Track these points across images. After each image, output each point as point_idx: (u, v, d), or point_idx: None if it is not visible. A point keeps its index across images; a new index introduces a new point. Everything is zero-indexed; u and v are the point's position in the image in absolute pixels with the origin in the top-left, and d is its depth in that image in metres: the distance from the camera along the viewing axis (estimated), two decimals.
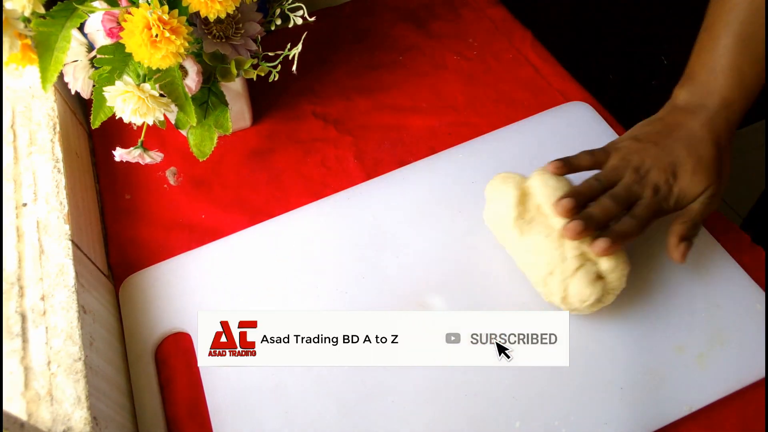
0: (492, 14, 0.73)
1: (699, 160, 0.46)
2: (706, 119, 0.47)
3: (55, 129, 0.52)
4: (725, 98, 0.47)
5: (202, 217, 0.57)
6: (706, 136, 0.46)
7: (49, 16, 0.46)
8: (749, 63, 0.46)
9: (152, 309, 0.51)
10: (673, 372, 0.45)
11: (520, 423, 0.44)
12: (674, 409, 0.44)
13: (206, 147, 0.52)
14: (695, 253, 0.51)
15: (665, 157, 0.46)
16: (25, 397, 0.40)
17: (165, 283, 0.52)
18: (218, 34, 0.48)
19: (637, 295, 0.49)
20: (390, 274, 0.51)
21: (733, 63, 0.46)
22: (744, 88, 0.46)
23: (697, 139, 0.46)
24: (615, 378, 0.45)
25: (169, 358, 0.49)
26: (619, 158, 0.47)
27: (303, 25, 0.51)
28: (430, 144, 0.61)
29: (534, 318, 0.39)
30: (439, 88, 0.66)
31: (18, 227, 0.47)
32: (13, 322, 0.42)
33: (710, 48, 0.47)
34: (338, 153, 0.61)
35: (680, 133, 0.47)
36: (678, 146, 0.46)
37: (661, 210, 0.46)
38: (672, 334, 0.47)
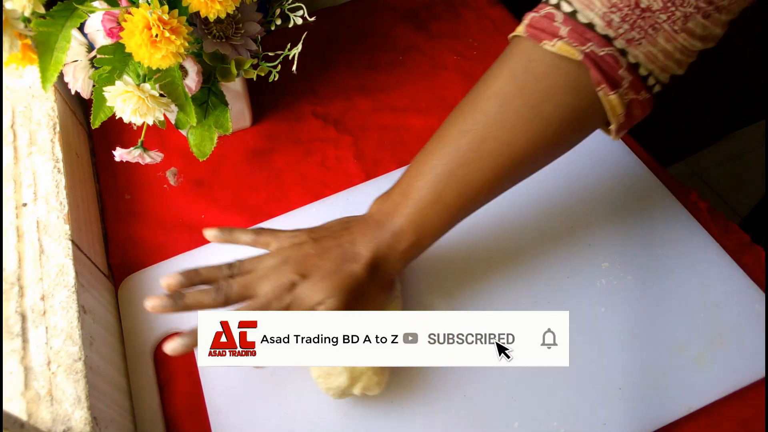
0: (492, 14, 0.73)
1: (337, 271, 0.42)
2: (373, 242, 0.43)
3: (55, 129, 0.52)
4: (399, 227, 0.42)
5: (202, 217, 0.57)
6: (364, 255, 0.42)
7: (49, 16, 0.45)
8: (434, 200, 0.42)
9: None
10: (672, 372, 0.45)
11: (519, 423, 0.44)
12: (673, 410, 0.44)
13: (206, 147, 0.52)
14: (694, 253, 0.51)
15: (311, 260, 0.42)
16: (25, 397, 0.40)
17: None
18: (218, 34, 0.48)
19: (636, 296, 0.49)
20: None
21: (420, 195, 0.42)
22: (419, 223, 0.42)
23: (353, 254, 0.42)
24: (614, 378, 0.45)
25: (169, 358, 0.49)
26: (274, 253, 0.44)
27: (303, 25, 0.51)
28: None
29: (534, 318, 0.39)
30: (439, 89, 0.66)
31: (18, 227, 0.47)
32: (13, 322, 0.42)
33: (414, 170, 0.43)
34: (338, 153, 0.61)
35: (346, 239, 0.43)
36: (333, 252, 0.43)
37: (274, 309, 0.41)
38: (671, 334, 0.47)
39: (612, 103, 0.38)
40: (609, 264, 0.51)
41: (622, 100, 0.38)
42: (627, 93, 0.38)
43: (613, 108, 0.38)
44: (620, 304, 0.48)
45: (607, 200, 0.55)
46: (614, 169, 0.57)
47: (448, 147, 0.42)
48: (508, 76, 0.41)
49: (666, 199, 0.55)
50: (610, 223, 0.53)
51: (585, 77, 0.37)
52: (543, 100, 0.39)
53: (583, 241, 0.52)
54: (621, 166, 0.57)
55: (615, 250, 0.52)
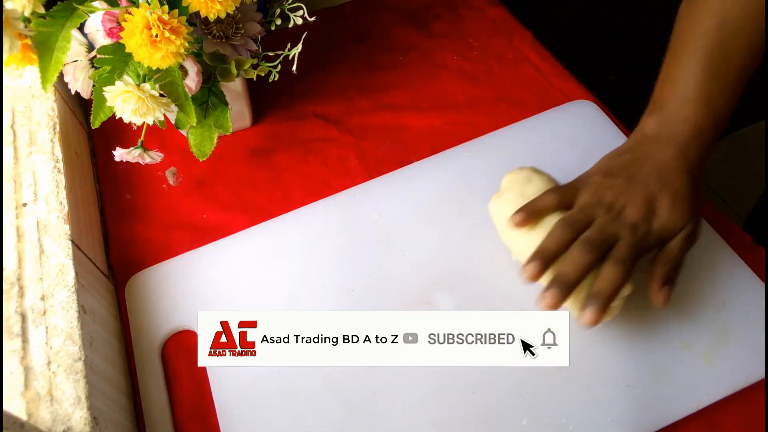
0: (492, 14, 0.73)
1: (675, 194, 0.44)
2: (678, 150, 0.45)
3: (55, 129, 0.52)
4: (696, 127, 0.45)
5: (203, 216, 0.57)
6: (680, 168, 0.44)
7: (49, 16, 0.45)
8: (718, 91, 0.45)
9: (158, 307, 0.51)
10: (680, 369, 0.46)
11: (528, 420, 0.44)
12: (681, 407, 0.44)
13: (206, 147, 0.52)
14: (701, 252, 0.51)
15: (639, 191, 0.44)
16: (25, 397, 0.40)
17: (172, 280, 0.52)
18: (218, 34, 0.48)
19: (643, 294, 0.49)
20: (395, 272, 0.51)
21: (701, 92, 0.45)
22: (714, 116, 0.45)
23: (670, 170, 0.44)
24: (622, 375, 0.45)
25: (176, 355, 0.49)
26: (589, 195, 0.45)
27: (303, 25, 0.51)
28: (431, 144, 0.61)
29: (534, 318, 0.39)
30: (439, 88, 0.66)
31: (18, 227, 0.47)
32: (13, 322, 0.42)
33: (677, 77, 0.46)
34: (340, 153, 0.61)
35: (652, 165, 0.45)
36: (652, 180, 0.44)
37: (643, 250, 0.43)
38: (678, 332, 0.47)
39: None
40: None
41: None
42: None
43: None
44: (627, 302, 0.49)
45: None
46: None
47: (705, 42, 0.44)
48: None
49: None
50: None
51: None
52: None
53: None
54: None
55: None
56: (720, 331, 0.47)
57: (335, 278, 0.51)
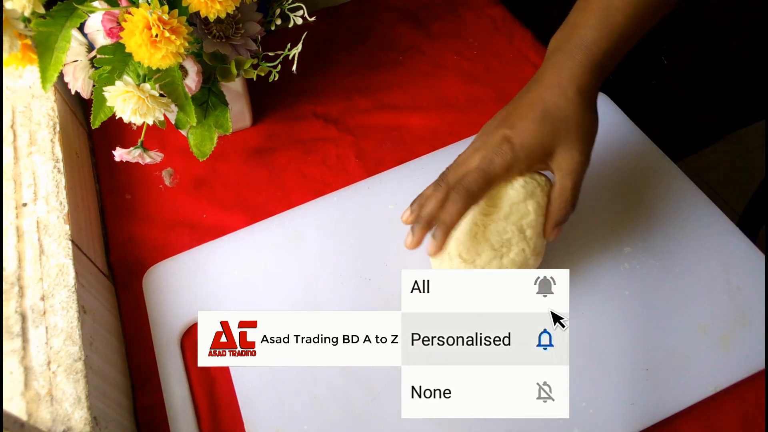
0: (492, 14, 0.73)
1: (544, 110, 0.41)
2: (557, 62, 0.43)
3: (55, 129, 0.52)
4: (583, 40, 0.42)
5: (203, 216, 0.57)
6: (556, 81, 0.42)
7: (49, 16, 0.45)
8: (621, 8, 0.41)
9: (178, 297, 0.51)
10: (697, 353, 0.46)
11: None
12: (699, 390, 0.45)
13: (206, 147, 0.52)
14: (715, 238, 0.52)
15: (510, 114, 0.43)
16: (25, 397, 0.40)
17: (191, 272, 0.52)
18: (218, 34, 0.48)
19: (659, 279, 0.50)
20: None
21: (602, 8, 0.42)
22: (603, 29, 0.42)
23: (555, 89, 0.42)
24: (640, 359, 0.46)
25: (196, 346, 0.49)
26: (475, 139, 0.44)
27: (303, 25, 0.51)
28: (431, 143, 0.61)
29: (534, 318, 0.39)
30: (439, 88, 0.66)
31: (18, 227, 0.47)
32: (13, 322, 0.42)
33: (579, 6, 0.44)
34: (339, 152, 0.61)
35: (536, 86, 0.43)
36: (526, 98, 0.43)
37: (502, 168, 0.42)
38: (695, 316, 0.48)
39: None
40: (631, 249, 0.52)
41: None
42: None
43: None
44: (644, 287, 0.49)
45: (628, 188, 0.56)
46: (634, 157, 0.58)
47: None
48: None
49: (685, 185, 0.56)
50: (632, 209, 0.54)
51: None
52: None
53: (606, 227, 0.53)
54: (641, 154, 0.58)
55: (637, 235, 0.52)
56: (736, 315, 0.48)
57: (352, 268, 0.52)
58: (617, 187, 0.56)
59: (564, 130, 0.42)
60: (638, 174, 0.57)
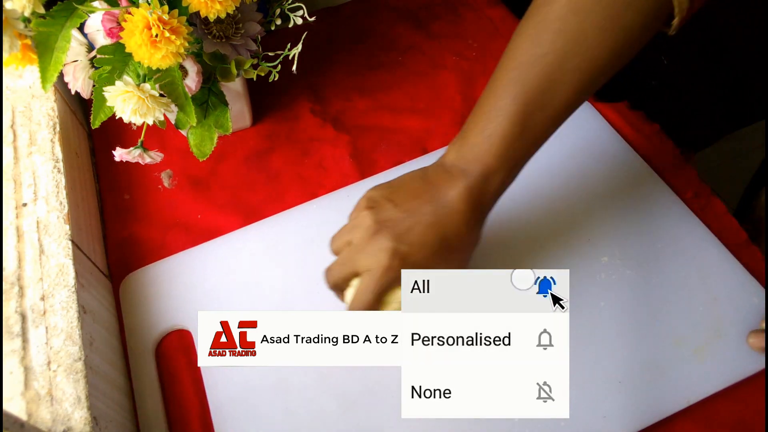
0: (492, 14, 0.73)
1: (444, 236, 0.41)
2: (464, 188, 0.41)
3: (55, 129, 0.52)
4: (488, 167, 0.41)
5: (198, 217, 0.57)
6: (460, 209, 0.41)
7: (49, 16, 0.45)
8: (523, 138, 0.41)
9: (153, 306, 0.51)
10: (671, 365, 0.46)
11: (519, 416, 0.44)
12: (673, 402, 0.44)
13: (206, 147, 0.52)
14: (693, 248, 0.51)
15: (405, 222, 0.41)
16: (25, 397, 0.40)
17: (166, 280, 0.52)
18: (218, 34, 0.48)
19: (635, 290, 0.49)
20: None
21: (504, 130, 0.40)
22: (508, 158, 0.41)
23: (447, 211, 0.41)
24: (614, 371, 0.46)
25: (170, 355, 0.49)
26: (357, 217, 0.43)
27: (303, 25, 0.51)
28: (424, 145, 0.61)
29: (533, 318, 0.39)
30: (437, 89, 0.66)
31: (18, 227, 0.47)
32: (13, 322, 0.42)
33: (488, 108, 0.41)
34: (335, 152, 0.61)
35: (431, 196, 0.42)
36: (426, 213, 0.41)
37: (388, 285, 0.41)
38: (670, 327, 0.47)
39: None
40: (608, 258, 0.51)
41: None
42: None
43: (680, 2, 0.38)
44: (620, 298, 0.49)
45: (605, 195, 0.55)
46: (613, 164, 0.57)
47: (525, 74, 0.40)
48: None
49: (664, 194, 0.55)
50: (609, 218, 0.54)
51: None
52: (624, 10, 0.38)
53: (583, 237, 0.52)
54: (620, 161, 0.58)
55: (614, 245, 0.52)
56: (711, 326, 0.47)
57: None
58: (595, 195, 0.55)
59: (455, 257, 0.42)
60: (616, 181, 0.56)
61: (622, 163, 0.57)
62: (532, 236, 0.53)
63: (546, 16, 0.40)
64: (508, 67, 0.41)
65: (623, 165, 0.57)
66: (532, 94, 0.40)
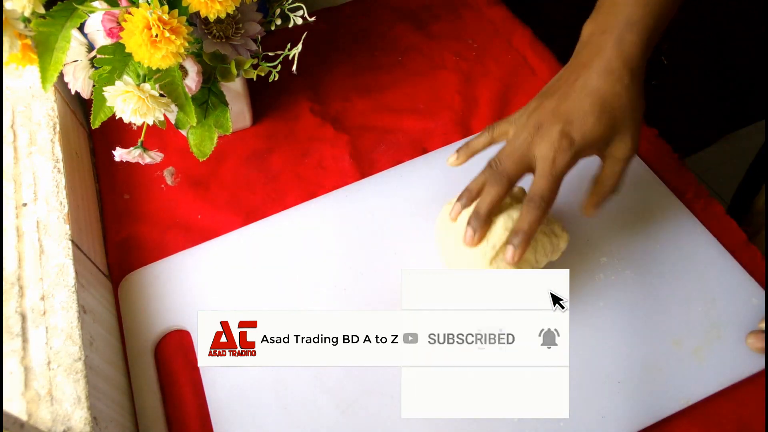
0: (492, 14, 0.73)
1: (603, 102, 0.41)
2: (609, 48, 0.41)
3: (55, 129, 0.52)
4: (628, 19, 0.41)
5: (198, 217, 0.57)
6: (610, 67, 0.41)
7: (49, 16, 0.45)
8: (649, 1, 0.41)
9: (151, 307, 0.51)
10: (670, 365, 0.46)
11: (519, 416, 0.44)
12: (672, 403, 0.44)
13: (206, 147, 0.52)
14: (692, 248, 0.51)
15: (563, 104, 0.41)
16: (25, 397, 0.40)
17: (165, 280, 0.52)
18: (218, 34, 0.48)
19: (634, 290, 0.49)
20: (389, 271, 0.51)
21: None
22: (647, 6, 0.41)
23: (600, 70, 0.41)
24: (613, 371, 0.46)
25: (169, 355, 0.49)
26: (518, 127, 0.43)
27: (303, 25, 0.51)
28: (425, 146, 0.61)
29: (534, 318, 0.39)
30: (437, 89, 0.66)
31: (18, 227, 0.47)
32: (13, 322, 0.42)
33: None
34: (335, 152, 0.61)
35: (586, 72, 0.42)
36: (576, 86, 0.42)
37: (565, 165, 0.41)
38: (669, 328, 0.48)
39: None
40: (607, 259, 0.51)
41: None
42: None
43: None
44: (619, 298, 0.49)
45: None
46: None
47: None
48: None
49: (663, 194, 0.55)
50: (608, 218, 0.54)
51: None
52: None
53: (581, 237, 0.52)
54: None
55: (613, 245, 0.52)
56: (710, 326, 0.47)
57: (328, 277, 0.51)
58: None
59: (621, 120, 0.42)
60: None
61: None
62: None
63: None
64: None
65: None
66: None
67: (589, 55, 0.43)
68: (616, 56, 0.41)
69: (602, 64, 0.42)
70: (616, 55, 0.41)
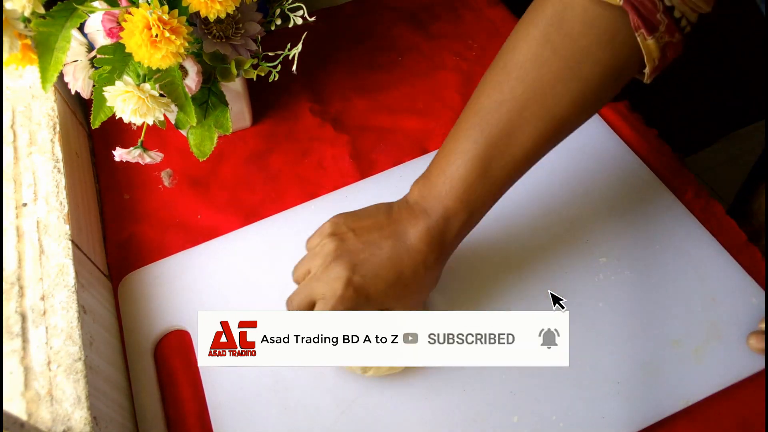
0: (492, 14, 0.73)
1: (401, 273, 0.41)
2: (424, 228, 0.41)
3: (55, 129, 0.52)
4: (448, 209, 0.41)
5: (198, 217, 0.57)
6: (419, 249, 0.42)
7: (49, 16, 0.45)
8: (485, 183, 0.41)
9: (151, 307, 0.51)
10: (669, 366, 0.46)
11: (518, 417, 0.44)
12: (671, 403, 0.44)
13: (206, 147, 0.52)
14: (691, 248, 0.51)
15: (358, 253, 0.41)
16: (25, 397, 0.40)
17: (165, 280, 0.52)
18: (218, 34, 0.48)
19: (633, 290, 0.49)
20: None
21: (464, 172, 0.41)
22: (469, 201, 0.41)
23: (407, 248, 0.42)
24: (612, 372, 0.46)
25: (169, 355, 0.49)
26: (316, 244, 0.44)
27: (303, 25, 0.51)
28: (424, 146, 0.61)
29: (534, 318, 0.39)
30: (437, 89, 0.66)
31: (18, 227, 0.47)
32: (13, 322, 0.42)
33: (453, 150, 0.42)
34: (335, 152, 0.61)
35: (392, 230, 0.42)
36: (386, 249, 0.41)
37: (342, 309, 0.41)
38: (668, 328, 0.48)
39: (649, 48, 0.38)
40: (607, 259, 0.51)
41: (658, 44, 0.38)
42: (663, 36, 0.38)
43: (649, 52, 0.38)
44: (618, 298, 0.49)
45: (604, 196, 0.55)
46: (611, 165, 0.57)
47: (487, 119, 0.41)
48: (540, 39, 0.40)
49: (663, 194, 0.55)
50: (608, 218, 0.54)
51: (622, 29, 0.37)
52: (581, 61, 0.38)
53: (581, 238, 0.52)
54: (618, 162, 0.58)
55: (612, 245, 0.52)
56: (709, 327, 0.47)
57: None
58: (593, 195, 0.55)
59: (409, 296, 0.43)
60: (615, 182, 0.56)
61: (621, 163, 0.58)
62: (532, 236, 0.53)
63: (508, 63, 0.41)
64: (472, 111, 0.42)
65: (622, 166, 0.57)
66: (492, 139, 0.40)
67: (406, 218, 0.42)
68: (428, 239, 0.42)
69: (416, 236, 0.42)
70: (428, 238, 0.42)
